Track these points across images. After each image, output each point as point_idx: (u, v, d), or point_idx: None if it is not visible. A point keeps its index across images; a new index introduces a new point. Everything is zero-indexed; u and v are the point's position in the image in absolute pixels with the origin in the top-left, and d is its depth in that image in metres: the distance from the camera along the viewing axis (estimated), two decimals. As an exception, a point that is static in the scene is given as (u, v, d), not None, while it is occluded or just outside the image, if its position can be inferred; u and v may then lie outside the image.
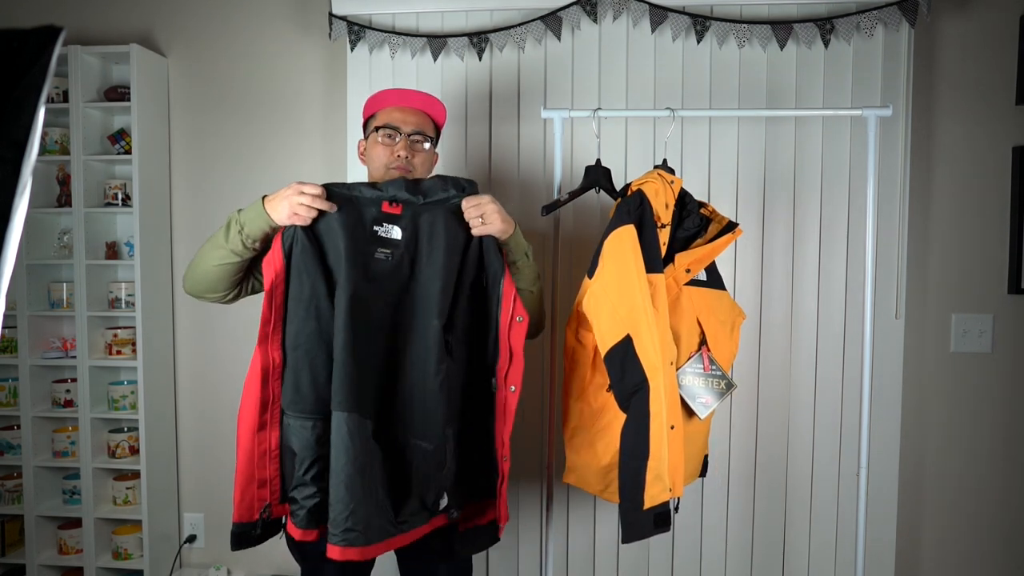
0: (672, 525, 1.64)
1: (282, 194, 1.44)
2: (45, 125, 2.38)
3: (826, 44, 2.16)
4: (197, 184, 2.55)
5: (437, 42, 2.25)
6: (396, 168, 1.62)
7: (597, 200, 2.24)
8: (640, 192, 1.64)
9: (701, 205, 1.81)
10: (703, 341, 1.75)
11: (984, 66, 2.23)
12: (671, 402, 1.62)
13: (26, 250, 2.45)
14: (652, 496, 1.57)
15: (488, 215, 1.48)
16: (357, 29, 2.28)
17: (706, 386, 1.73)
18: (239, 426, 1.45)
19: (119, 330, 2.48)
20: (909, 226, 2.23)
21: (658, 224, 1.64)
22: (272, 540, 1.53)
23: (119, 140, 2.47)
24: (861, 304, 2.12)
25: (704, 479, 2.13)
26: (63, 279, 2.52)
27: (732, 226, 1.76)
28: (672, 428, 1.60)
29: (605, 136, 2.08)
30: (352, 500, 1.37)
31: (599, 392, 1.72)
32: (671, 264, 1.68)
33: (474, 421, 1.55)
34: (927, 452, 2.31)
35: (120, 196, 2.46)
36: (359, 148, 1.74)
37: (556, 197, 1.87)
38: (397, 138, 1.64)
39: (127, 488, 2.50)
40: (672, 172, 1.75)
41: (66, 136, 2.43)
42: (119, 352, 2.47)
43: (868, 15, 2.12)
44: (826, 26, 2.14)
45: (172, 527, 2.58)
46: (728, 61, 2.23)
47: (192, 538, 2.59)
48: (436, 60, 2.27)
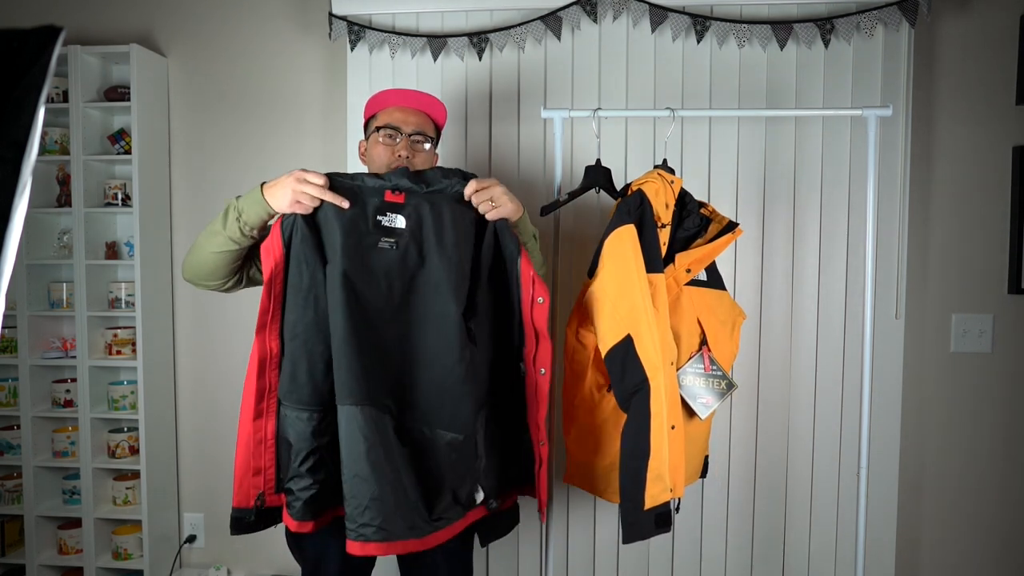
0: (672, 525, 1.63)
1: (283, 182, 1.42)
2: (45, 125, 2.38)
3: (826, 44, 2.16)
4: (197, 184, 2.55)
5: (437, 42, 2.25)
6: (397, 168, 1.62)
7: (597, 200, 2.24)
8: (640, 192, 1.64)
9: (701, 205, 1.81)
10: (703, 341, 1.75)
11: (984, 66, 2.23)
12: (672, 402, 1.62)
13: (26, 250, 2.45)
14: (653, 496, 1.57)
15: (497, 197, 1.49)
16: (357, 29, 2.28)
17: (707, 386, 1.73)
18: (240, 413, 1.46)
19: (119, 330, 2.48)
20: (909, 226, 2.23)
21: (658, 224, 1.64)
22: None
23: (119, 140, 2.47)
24: (861, 304, 2.12)
25: (704, 479, 2.12)
26: (63, 279, 2.52)
27: (732, 226, 1.77)
28: (673, 428, 1.60)
29: (605, 136, 2.08)
30: (366, 496, 1.35)
31: (599, 392, 1.72)
32: (671, 264, 1.68)
33: (503, 408, 1.53)
34: (927, 452, 2.31)
35: (120, 196, 2.46)
36: (360, 148, 1.75)
37: (556, 197, 1.87)
38: (398, 138, 1.64)
39: (127, 488, 2.50)
40: (672, 172, 1.75)
41: (66, 136, 2.43)
42: (119, 352, 2.47)
43: (868, 15, 2.12)
44: (826, 26, 2.14)
45: (172, 527, 2.58)
46: (728, 61, 2.23)
47: (192, 538, 2.59)
48: (436, 60, 2.27)
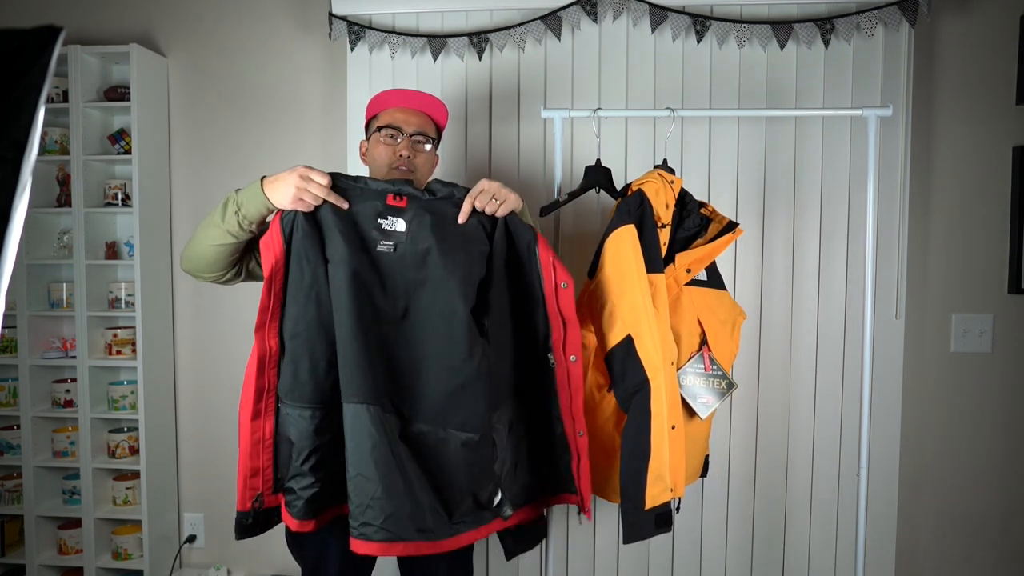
0: (672, 525, 1.63)
1: (285, 178, 1.40)
2: (45, 125, 2.38)
3: (826, 44, 2.16)
4: (197, 184, 2.55)
5: (437, 42, 2.25)
6: (398, 168, 1.62)
7: (597, 200, 2.24)
8: (640, 192, 1.64)
9: (701, 205, 1.81)
10: (704, 341, 1.75)
11: (984, 66, 2.23)
12: (672, 402, 1.62)
13: (26, 250, 2.45)
14: (653, 496, 1.57)
15: (498, 194, 1.48)
16: (357, 29, 2.28)
17: (707, 386, 1.73)
18: (239, 415, 1.44)
19: (119, 330, 2.48)
20: (909, 226, 2.23)
21: (658, 224, 1.64)
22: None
23: (119, 140, 2.46)
24: (861, 304, 2.12)
25: (704, 479, 2.12)
26: (63, 279, 2.52)
27: (732, 226, 1.77)
28: (673, 428, 1.60)
29: (605, 136, 2.07)
30: (368, 495, 1.35)
31: (600, 392, 1.72)
32: (671, 264, 1.68)
33: (530, 404, 1.51)
34: (927, 452, 2.31)
35: (120, 196, 2.45)
36: (361, 148, 1.74)
37: (556, 197, 1.87)
38: (399, 138, 1.64)
39: (127, 488, 2.50)
40: (672, 172, 1.75)
41: (66, 136, 2.43)
42: (119, 352, 2.46)
43: (868, 15, 2.12)
44: (826, 26, 2.14)
45: (172, 527, 2.58)
46: (728, 61, 2.23)
47: (192, 538, 2.59)
48: (436, 60, 2.27)
